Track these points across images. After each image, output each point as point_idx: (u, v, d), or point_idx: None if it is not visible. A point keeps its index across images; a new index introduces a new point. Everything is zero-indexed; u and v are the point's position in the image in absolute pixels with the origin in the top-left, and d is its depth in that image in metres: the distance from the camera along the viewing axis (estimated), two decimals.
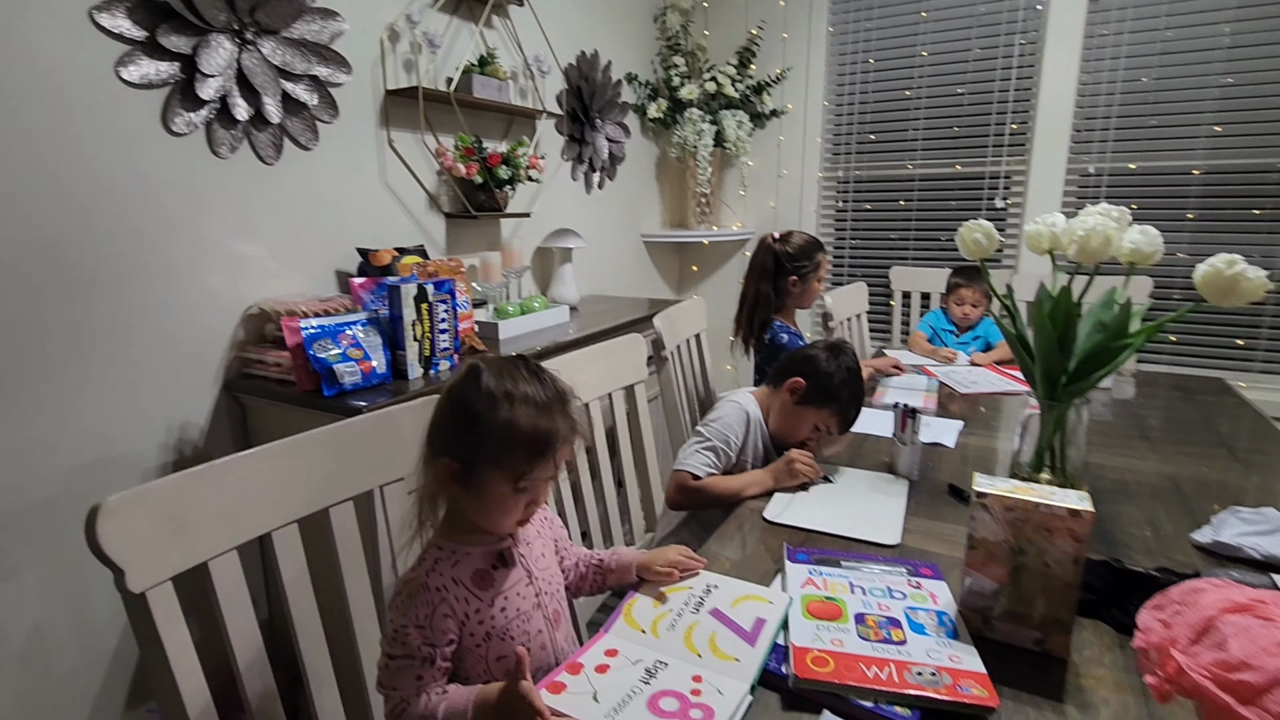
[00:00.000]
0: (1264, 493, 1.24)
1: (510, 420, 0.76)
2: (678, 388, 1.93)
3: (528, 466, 0.77)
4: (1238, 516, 1.04)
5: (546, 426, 0.77)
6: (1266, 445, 1.49)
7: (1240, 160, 2.43)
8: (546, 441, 0.77)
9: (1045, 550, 0.82)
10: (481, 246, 2.36)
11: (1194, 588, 0.68)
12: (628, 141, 3.09)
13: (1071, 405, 1.12)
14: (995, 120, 2.81)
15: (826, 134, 3.18)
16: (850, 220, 3.20)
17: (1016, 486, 0.84)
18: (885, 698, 0.73)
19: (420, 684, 0.76)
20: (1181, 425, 1.63)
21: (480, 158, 2.12)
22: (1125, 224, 1.09)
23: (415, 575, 0.79)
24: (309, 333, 1.45)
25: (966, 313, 2.37)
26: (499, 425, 0.75)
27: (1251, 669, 0.58)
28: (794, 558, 1.00)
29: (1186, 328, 2.60)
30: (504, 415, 0.76)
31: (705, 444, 1.38)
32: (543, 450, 0.77)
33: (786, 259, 1.94)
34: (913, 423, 1.30)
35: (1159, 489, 1.26)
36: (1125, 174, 2.60)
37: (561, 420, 0.79)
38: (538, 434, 0.76)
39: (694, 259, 3.58)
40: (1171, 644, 0.64)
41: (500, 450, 0.76)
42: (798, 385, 1.39)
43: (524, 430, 0.76)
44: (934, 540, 1.08)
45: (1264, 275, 0.94)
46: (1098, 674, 0.79)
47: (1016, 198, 2.81)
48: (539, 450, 0.77)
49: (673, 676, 0.78)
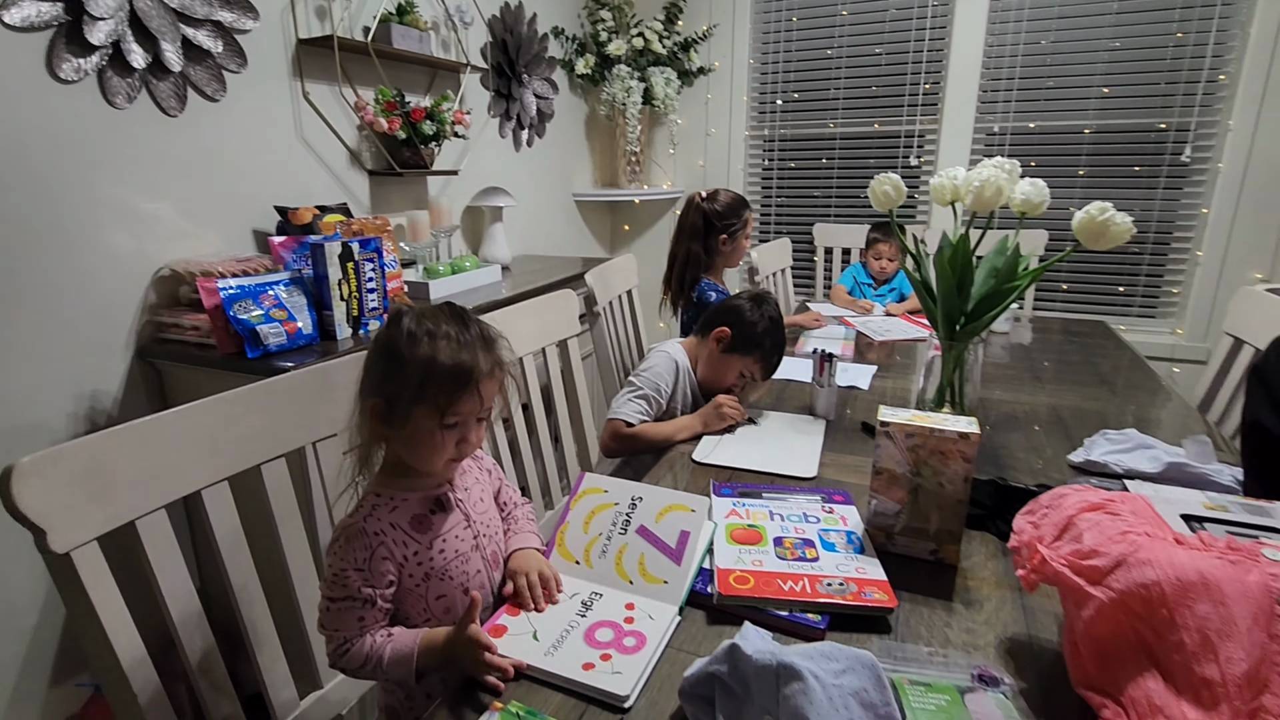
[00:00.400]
0: (1131, 418, 1.39)
1: (430, 355, 0.77)
2: (611, 343, 1.97)
3: (450, 400, 0.78)
4: (1106, 438, 1.17)
5: (468, 360, 0.78)
6: (1137, 379, 1.67)
7: (1124, 120, 2.62)
8: (467, 375, 0.78)
9: (940, 472, 0.91)
10: (408, 205, 2.31)
11: (1059, 493, 0.77)
12: (556, 98, 3.05)
13: (969, 345, 1.22)
14: (910, 80, 2.92)
15: (753, 93, 3.22)
16: (776, 178, 3.28)
17: (915, 415, 0.93)
18: (799, 607, 0.81)
19: (363, 625, 0.79)
20: (1067, 364, 1.80)
21: (403, 112, 2.06)
22: (1016, 176, 1.18)
23: (353, 520, 0.80)
24: (228, 293, 1.41)
25: (883, 266, 2.49)
26: (419, 361, 0.77)
27: (1099, 555, 0.67)
28: (719, 492, 1.07)
29: (1076, 277, 2.82)
30: (424, 351, 0.78)
31: (637, 393, 1.43)
32: (464, 383, 0.78)
33: (716, 218, 1.97)
34: (829, 367, 1.38)
35: (1044, 419, 1.40)
36: (1025, 133, 2.77)
37: (484, 356, 0.80)
38: (458, 368, 0.78)
39: (626, 218, 3.59)
40: (1039, 541, 0.73)
41: (422, 385, 0.77)
42: (724, 335, 1.45)
43: (444, 364, 0.77)
44: (847, 471, 1.17)
45: (1129, 221, 1.05)
46: (982, 575, 0.89)
47: (929, 155, 2.94)
48: (460, 383, 0.78)
49: (607, 607, 0.84)
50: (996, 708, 0.67)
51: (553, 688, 0.72)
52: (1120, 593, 0.64)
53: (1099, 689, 0.65)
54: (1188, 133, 2.54)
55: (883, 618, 0.81)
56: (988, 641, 0.78)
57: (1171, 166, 2.58)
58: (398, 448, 0.83)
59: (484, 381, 0.80)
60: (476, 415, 0.82)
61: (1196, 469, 1.04)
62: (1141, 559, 0.65)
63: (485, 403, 0.81)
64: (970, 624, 0.80)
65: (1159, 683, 0.61)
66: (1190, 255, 2.63)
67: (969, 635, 0.79)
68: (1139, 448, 1.12)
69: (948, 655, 0.75)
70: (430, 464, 0.82)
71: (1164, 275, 2.70)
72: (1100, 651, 0.66)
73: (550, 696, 0.71)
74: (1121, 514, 0.72)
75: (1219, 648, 0.59)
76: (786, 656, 0.62)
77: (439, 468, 0.83)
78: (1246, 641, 0.59)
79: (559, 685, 0.72)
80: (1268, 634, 0.59)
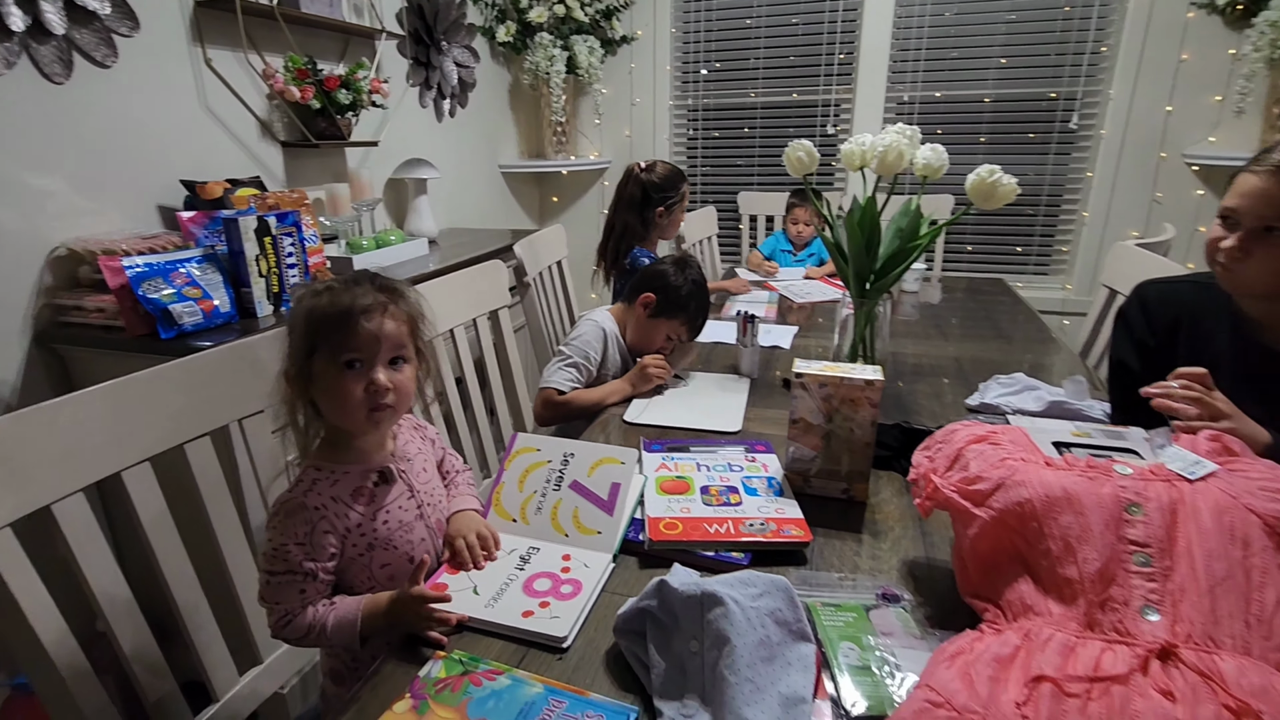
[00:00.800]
0: (1020, 364, 1.52)
1: (314, 304, 0.80)
2: (542, 314, 1.98)
3: (340, 339, 0.79)
4: (998, 382, 1.29)
5: (348, 300, 0.80)
6: (1029, 330, 1.83)
7: (1020, 90, 2.79)
8: (349, 311, 0.79)
9: (850, 418, 0.99)
10: (327, 178, 2.23)
11: (950, 429, 0.86)
12: (477, 67, 2.98)
13: (878, 301, 1.31)
14: (826, 50, 3.00)
15: (676, 62, 3.24)
16: (701, 147, 3.32)
17: (826, 366, 1.00)
18: (724, 547, 0.87)
19: (304, 597, 0.80)
20: (969, 318, 1.95)
21: (316, 81, 1.98)
22: (916, 142, 1.26)
23: (292, 496, 0.81)
24: (135, 272, 1.34)
25: (800, 231, 2.59)
26: (307, 313, 0.80)
27: (982, 480, 0.76)
28: (649, 449, 1.12)
29: (979, 239, 3.01)
30: (310, 303, 0.81)
31: (567, 361, 1.46)
32: (349, 319, 0.79)
33: (654, 189, 1.97)
34: (752, 328, 1.45)
35: (946, 369, 1.52)
36: (933, 102, 2.91)
37: (373, 294, 0.81)
38: (340, 306, 0.79)
39: (554, 189, 3.57)
40: (933, 472, 0.81)
41: (314, 335, 0.79)
42: (649, 300, 1.50)
43: (327, 309, 0.80)
44: (769, 424, 1.24)
45: (1014, 182, 1.15)
46: (888, 510, 0.98)
47: (845, 124, 3.05)
48: (345, 320, 0.79)
49: (544, 559, 0.88)
50: (896, 619, 0.76)
51: (494, 636, 0.76)
52: (1000, 511, 0.73)
53: (982, 596, 0.74)
54: (1075, 101, 2.73)
55: (799, 551, 0.88)
56: (891, 566, 0.86)
57: (1061, 133, 2.78)
58: (322, 411, 0.83)
59: (372, 316, 0.80)
60: (376, 353, 0.81)
61: (1073, 405, 1.16)
62: (1017, 481, 0.74)
63: (383, 340, 0.81)
64: (877, 552, 0.89)
65: (1030, 585, 0.70)
66: (1077, 216, 2.84)
67: (875, 561, 0.87)
68: (1026, 390, 1.23)
69: (856, 580, 0.83)
70: (348, 417, 0.81)
71: (1055, 235, 2.92)
72: (983, 563, 0.75)
73: (492, 644, 0.75)
74: (1002, 444, 0.81)
75: (1078, 551, 0.68)
76: (709, 585, 0.68)
77: (360, 419, 0.81)
78: (1099, 544, 0.68)
79: (500, 634, 0.76)
80: (1116, 536, 0.68)
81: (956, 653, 0.64)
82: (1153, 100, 2.60)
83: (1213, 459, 0.74)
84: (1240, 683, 0.55)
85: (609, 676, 0.70)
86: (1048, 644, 0.63)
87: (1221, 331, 0.98)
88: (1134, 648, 0.61)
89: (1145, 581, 0.65)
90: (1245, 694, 0.54)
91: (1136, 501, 0.69)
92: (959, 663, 0.62)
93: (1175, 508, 0.69)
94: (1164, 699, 0.56)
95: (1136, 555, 0.67)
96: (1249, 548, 0.64)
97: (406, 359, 0.84)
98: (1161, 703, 0.56)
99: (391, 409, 0.83)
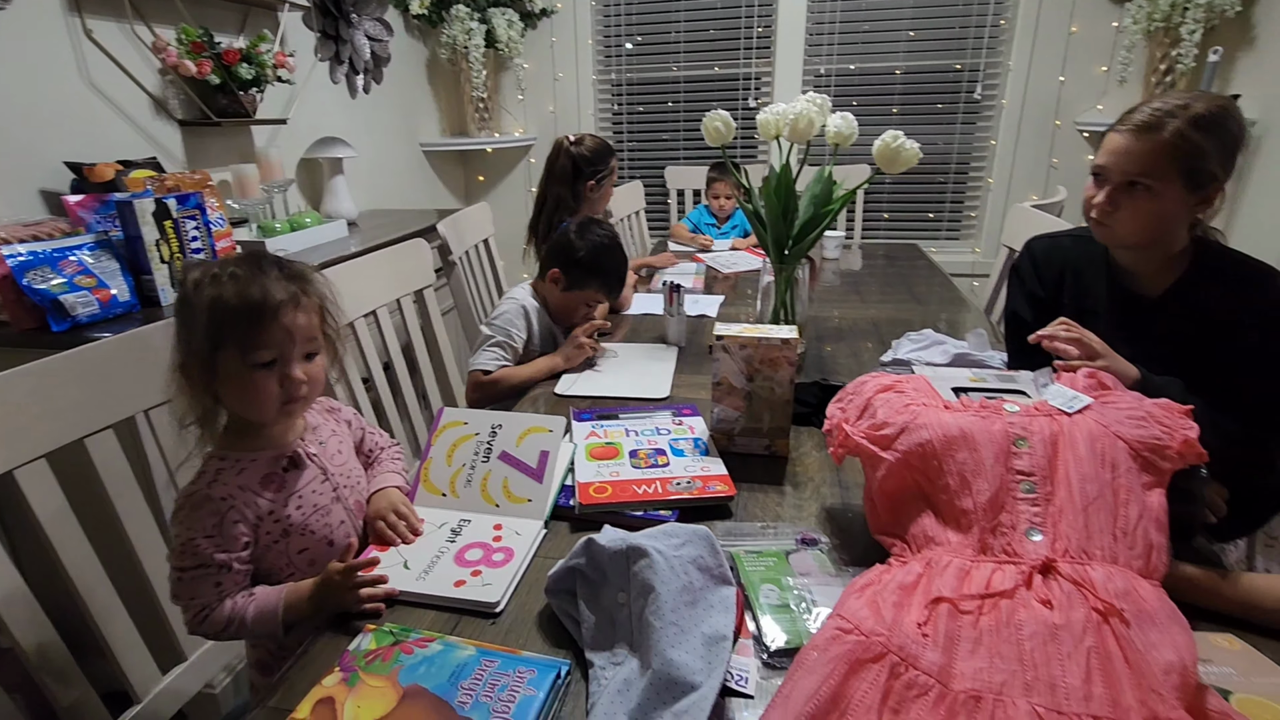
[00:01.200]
0: (932, 324, 1.61)
1: (216, 295, 0.75)
2: (471, 295, 1.95)
3: (248, 337, 0.75)
4: (909, 339, 1.36)
5: (257, 293, 0.76)
6: (940, 292, 1.93)
7: (928, 61, 2.90)
8: (259, 307, 0.75)
9: (770, 377, 1.02)
10: (232, 159, 2.11)
11: (860, 381, 0.90)
12: (391, 40, 2.85)
13: (797, 266, 1.35)
14: (745, 23, 3.03)
15: (597, 36, 3.21)
16: (626, 122, 3.32)
17: (745, 328, 1.03)
18: (652, 506, 0.90)
19: (220, 590, 0.77)
20: (886, 282, 2.04)
21: (213, 54, 1.86)
22: (826, 110, 1.30)
23: (196, 488, 0.78)
24: (18, 261, 1.25)
25: (722, 204, 2.63)
26: (206, 304, 0.75)
27: (888, 425, 0.81)
28: (579, 418, 1.13)
29: (895, 206, 3.13)
30: (209, 294, 0.75)
31: (490, 341, 1.44)
32: (258, 316, 0.75)
33: (584, 163, 1.94)
34: (678, 297, 1.48)
35: (863, 329, 1.59)
36: (848, 74, 2.99)
37: (280, 285, 0.77)
38: (247, 302, 0.75)
39: (479, 168, 3.49)
40: (845, 421, 0.86)
41: (216, 329, 0.75)
42: (556, 276, 1.49)
43: (230, 302, 0.75)
44: (696, 389, 1.28)
45: (916, 147, 1.20)
46: (807, 463, 1.03)
47: (765, 97, 3.10)
48: (254, 317, 0.75)
49: (476, 530, 0.88)
50: (814, 561, 0.80)
51: (426, 607, 0.76)
52: (904, 453, 0.78)
53: (890, 533, 0.79)
54: (978, 72, 2.86)
55: (725, 505, 0.92)
56: (811, 513, 0.91)
57: (967, 103, 2.91)
58: (225, 404, 0.80)
59: (285, 311, 0.77)
60: (291, 350, 0.78)
61: (975, 356, 1.24)
62: (919, 424, 0.79)
63: (296, 335, 0.78)
64: (797, 501, 0.93)
65: (932, 519, 0.76)
66: (984, 183, 2.99)
67: (796, 510, 0.91)
68: (934, 344, 1.31)
69: (777, 528, 0.87)
70: (260, 412, 0.79)
71: (964, 202, 3.07)
72: (890, 502, 0.80)
73: (424, 615, 0.75)
74: (906, 391, 0.86)
75: (972, 484, 0.74)
76: (634, 539, 0.70)
77: (272, 414, 0.80)
78: (991, 476, 0.74)
79: (432, 605, 0.77)
80: (1005, 468, 0.74)
81: (866, 584, 0.68)
82: (1047, 71, 2.75)
83: (1089, 394, 0.81)
84: (1107, 587, 0.62)
85: (542, 636, 0.72)
86: (946, 569, 0.68)
87: (1099, 281, 1.07)
88: (1020, 566, 0.67)
89: (1030, 506, 0.71)
90: (1110, 596, 0.61)
91: (1023, 435, 0.76)
92: (868, 593, 0.67)
93: (1056, 439, 0.75)
94: (1044, 607, 0.62)
95: (1023, 484, 0.73)
96: (1116, 470, 0.71)
97: (318, 348, 0.82)
98: (1041, 611, 0.62)
99: (305, 400, 0.82)
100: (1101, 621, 0.59)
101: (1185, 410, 0.75)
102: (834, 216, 1.30)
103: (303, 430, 0.87)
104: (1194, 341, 0.97)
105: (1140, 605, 0.60)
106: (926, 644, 0.60)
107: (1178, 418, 0.75)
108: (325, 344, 0.84)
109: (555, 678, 0.63)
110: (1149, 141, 0.91)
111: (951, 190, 3.05)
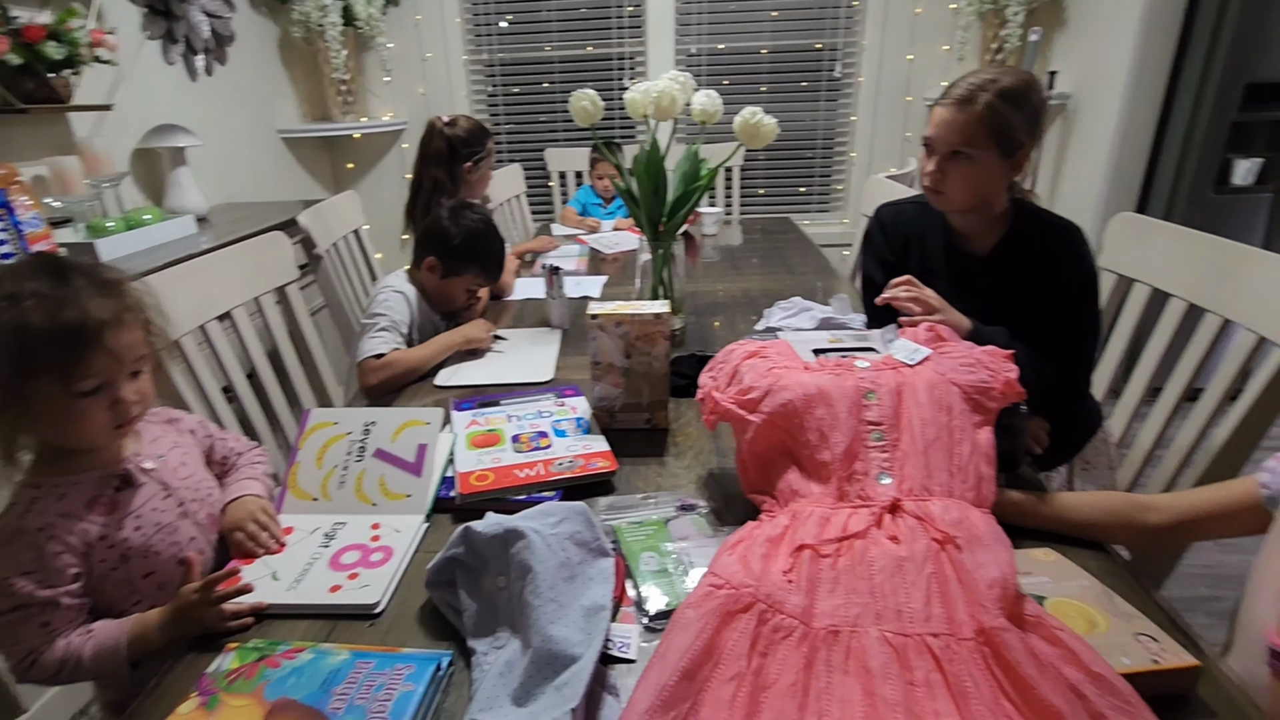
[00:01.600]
0: (803, 291, 1.69)
1: (20, 322, 0.66)
2: (342, 291, 1.85)
3: (69, 364, 0.67)
4: (779, 308, 1.43)
5: (74, 316, 0.67)
6: (810, 262, 2.03)
7: (791, 41, 3.02)
8: (77, 331, 0.67)
9: (647, 352, 1.04)
10: (47, 151, 1.87)
11: (729, 349, 0.94)
12: (234, 17, 2.63)
13: (671, 242, 1.38)
14: (615, 2, 3.03)
15: (466, 14, 3.09)
16: (502, 104, 3.23)
17: (619, 305, 1.04)
18: (535, 489, 0.90)
19: (50, 630, 0.70)
20: (760, 255, 2.13)
21: (10, 30, 1.64)
22: (689, 88, 1.33)
23: (6, 522, 0.70)
24: None
25: (606, 185, 2.63)
26: (9, 333, 0.66)
27: (754, 389, 0.85)
28: (459, 408, 1.11)
29: (770, 182, 3.25)
30: (8, 320, 0.66)
31: (377, 327, 1.36)
32: (79, 343, 0.67)
33: (460, 144, 1.87)
34: (557, 279, 1.47)
35: (739, 301, 1.66)
36: (717, 53, 3.05)
37: (99, 303, 0.69)
38: (63, 326, 0.67)
39: (347, 155, 3.29)
40: (715, 389, 0.89)
41: (26, 359, 0.66)
42: (433, 264, 1.45)
43: (41, 328, 0.66)
44: (580, 371, 1.28)
45: (775, 122, 1.25)
46: (687, 433, 1.06)
47: (640, 78, 3.12)
48: (74, 344, 0.67)
49: (351, 532, 0.85)
50: (692, 525, 0.83)
51: (300, 618, 0.73)
52: (769, 414, 0.82)
53: (760, 490, 0.83)
54: (837, 51, 3.01)
55: (608, 480, 0.93)
56: (690, 481, 0.94)
57: (829, 81, 3.05)
58: (48, 438, 0.72)
59: (108, 333, 0.69)
60: (119, 373, 0.71)
61: (839, 319, 1.32)
62: (781, 385, 0.83)
63: (123, 356, 0.71)
64: (677, 470, 0.96)
65: (796, 473, 0.80)
66: (848, 157, 3.17)
67: (675, 479, 0.94)
68: (801, 311, 1.38)
69: (658, 497, 0.90)
70: (87, 439, 0.73)
71: (831, 175, 3.24)
72: (759, 462, 0.84)
73: (297, 625, 0.72)
74: (770, 356, 0.90)
75: (829, 437, 0.79)
76: (511, 522, 0.70)
77: (102, 440, 0.74)
78: (845, 428, 0.79)
79: (306, 614, 0.73)
80: (858, 420, 0.80)
81: (737, 541, 0.72)
82: (897, 49, 2.93)
83: (929, 345, 0.89)
84: (944, 518, 0.68)
85: (424, 631, 0.71)
86: (808, 519, 0.73)
87: (938, 243, 1.16)
88: (871, 508, 0.72)
89: (880, 453, 0.77)
90: (947, 526, 0.67)
91: (872, 389, 0.82)
92: (739, 549, 0.70)
93: (900, 389, 0.82)
94: (891, 543, 0.68)
95: (873, 433, 0.79)
96: (951, 413, 0.79)
97: (145, 363, 0.75)
98: (890, 546, 0.67)
99: (138, 418, 0.75)
100: (939, 550, 0.66)
101: (1008, 355, 0.84)
102: (703, 193, 1.34)
103: (136, 446, 0.80)
104: (1018, 293, 1.08)
105: (971, 531, 0.67)
106: (791, 589, 0.64)
107: (1001, 361, 0.83)
108: (149, 354, 0.77)
109: (435, 670, 0.62)
110: (965, 113, 1.00)
111: (820, 164, 3.20)
